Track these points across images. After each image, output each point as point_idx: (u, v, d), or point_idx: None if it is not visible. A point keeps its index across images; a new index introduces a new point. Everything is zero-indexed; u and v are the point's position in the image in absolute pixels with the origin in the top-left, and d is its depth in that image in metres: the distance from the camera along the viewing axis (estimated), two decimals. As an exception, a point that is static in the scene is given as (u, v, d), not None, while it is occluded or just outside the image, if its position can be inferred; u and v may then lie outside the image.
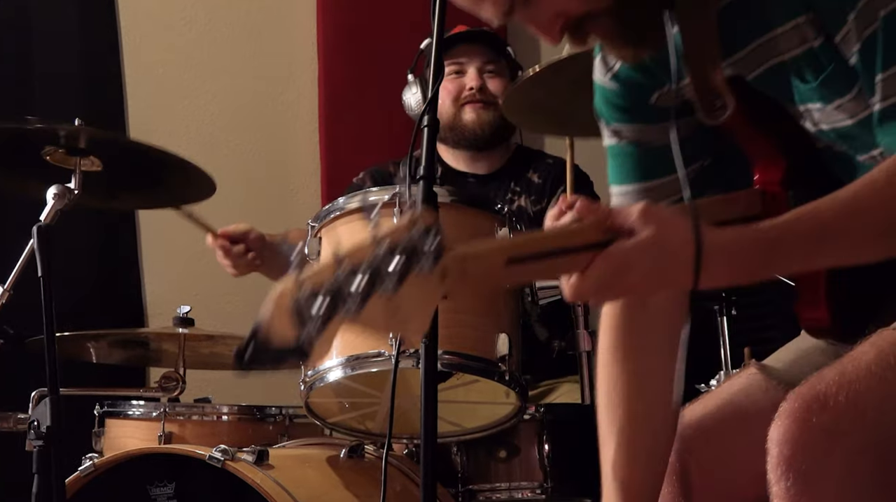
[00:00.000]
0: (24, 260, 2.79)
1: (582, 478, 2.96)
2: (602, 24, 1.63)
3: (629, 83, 1.84)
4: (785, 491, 1.51)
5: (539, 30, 1.65)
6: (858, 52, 1.53)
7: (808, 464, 1.50)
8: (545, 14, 1.61)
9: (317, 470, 2.87)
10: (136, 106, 4.27)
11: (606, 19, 1.61)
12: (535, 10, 1.60)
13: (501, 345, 2.69)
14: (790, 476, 1.51)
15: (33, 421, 2.29)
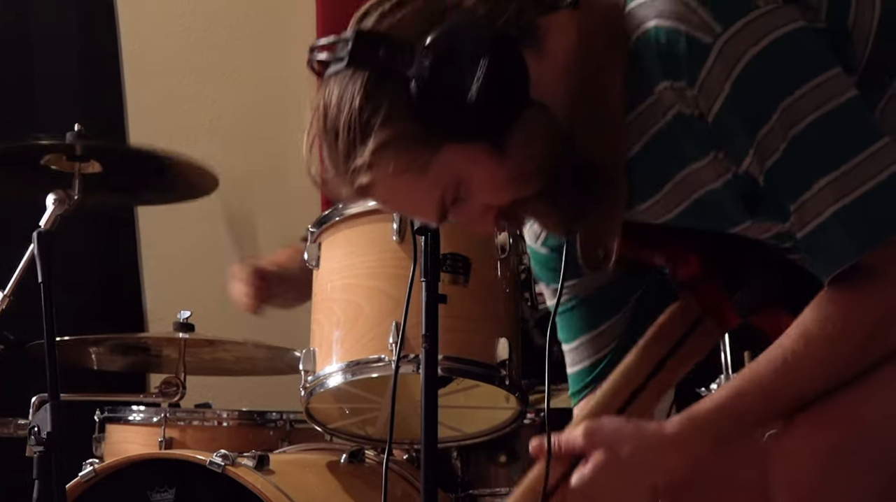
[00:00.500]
0: (24, 265, 2.79)
1: None
2: (533, 208, 1.64)
3: (558, 247, 1.84)
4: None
5: (472, 223, 1.66)
6: (764, 184, 1.53)
7: (814, 483, 1.51)
8: (477, 209, 1.62)
9: (317, 475, 2.87)
10: (136, 110, 4.27)
11: (536, 203, 1.62)
12: (467, 207, 1.60)
13: (501, 349, 2.69)
14: (797, 493, 1.52)
15: (34, 426, 2.29)
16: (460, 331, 2.65)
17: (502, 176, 1.56)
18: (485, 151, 1.54)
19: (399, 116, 1.50)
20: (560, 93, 1.58)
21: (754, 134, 1.50)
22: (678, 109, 1.54)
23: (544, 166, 1.56)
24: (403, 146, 1.52)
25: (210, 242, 4.26)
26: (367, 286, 2.71)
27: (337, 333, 2.73)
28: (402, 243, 2.68)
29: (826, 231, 1.48)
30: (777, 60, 1.49)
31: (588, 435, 1.61)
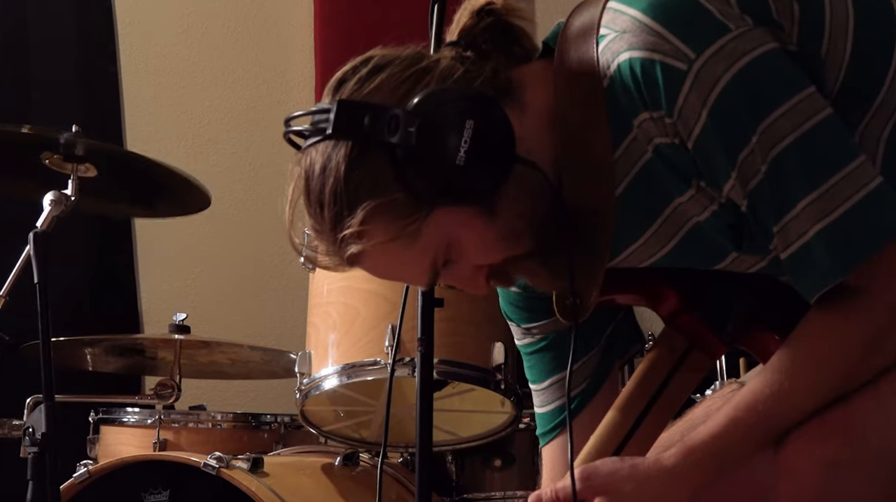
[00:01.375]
0: (20, 266, 2.78)
1: (577, 487, 2.95)
2: (524, 266, 1.63)
3: (530, 287, 1.85)
4: None
5: (464, 285, 1.65)
6: (747, 207, 1.53)
7: (814, 499, 1.51)
8: (468, 270, 1.61)
9: (312, 477, 2.87)
10: (133, 112, 4.27)
11: (527, 261, 1.61)
12: (458, 269, 1.60)
13: (497, 353, 2.69)
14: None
15: (28, 427, 2.28)
16: (456, 335, 2.65)
17: (493, 236, 1.55)
18: (475, 213, 1.53)
19: (386, 184, 1.49)
20: (545, 145, 1.58)
21: (735, 157, 1.49)
22: (659, 140, 1.54)
23: (534, 223, 1.56)
24: (393, 214, 1.50)
25: (207, 244, 4.26)
26: (364, 289, 2.71)
27: (333, 336, 2.73)
28: (398, 246, 2.68)
29: (810, 251, 1.48)
30: (753, 83, 1.48)
31: (585, 479, 1.59)
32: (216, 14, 4.43)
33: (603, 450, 1.69)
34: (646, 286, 1.80)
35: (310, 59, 4.43)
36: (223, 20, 4.43)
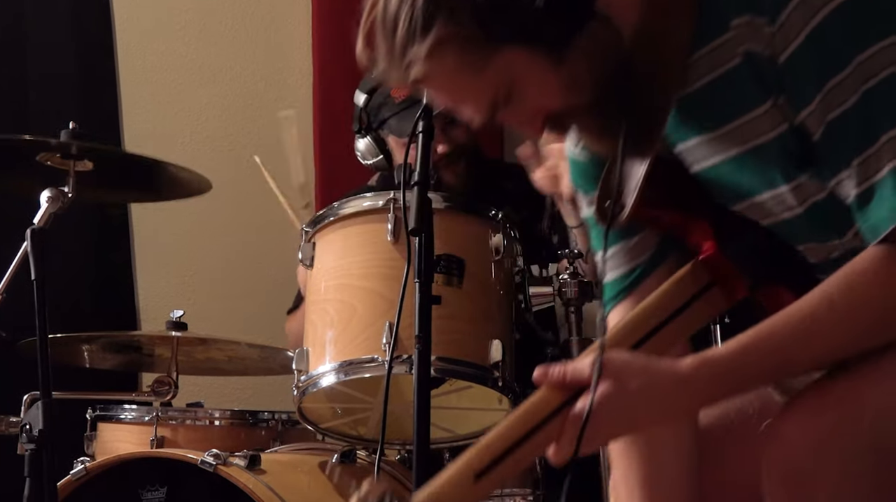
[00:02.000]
0: (17, 262, 2.78)
1: (574, 486, 2.95)
2: (580, 119, 1.66)
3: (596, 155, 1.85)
4: (783, 491, 1.53)
5: (521, 126, 1.69)
6: (822, 136, 1.54)
7: (806, 467, 1.51)
8: (526, 112, 1.64)
9: (309, 475, 2.87)
10: (131, 109, 4.27)
11: (583, 115, 1.64)
12: (517, 108, 1.62)
13: (495, 351, 2.69)
14: (788, 482, 1.52)
15: (25, 424, 2.29)
16: (454, 333, 2.65)
17: (556, 83, 1.58)
18: (543, 57, 1.56)
19: (462, 15, 1.52)
20: (627, 14, 1.60)
21: (823, 83, 1.51)
22: (750, 47, 1.56)
23: (599, 81, 1.59)
24: (463, 44, 1.54)
25: (203, 241, 4.27)
26: (361, 286, 2.71)
27: (330, 333, 2.73)
28: (396, 243, 2.69)
29: (882, 187, 1.49)
30: (857, 15, 1.50)
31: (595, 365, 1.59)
32: (213, 11, 4.44)
33: (621, 342, 1.69)
34: (687, 208, 1.81)
35: (307, 56, 4.44)
36: (220, 17, 4.44)
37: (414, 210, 2.07)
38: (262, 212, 4.27)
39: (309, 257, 2.82)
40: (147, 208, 4.19)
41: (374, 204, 2.76)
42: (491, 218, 2.80)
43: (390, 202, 2.71)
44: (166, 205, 3.54)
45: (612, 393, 1.56)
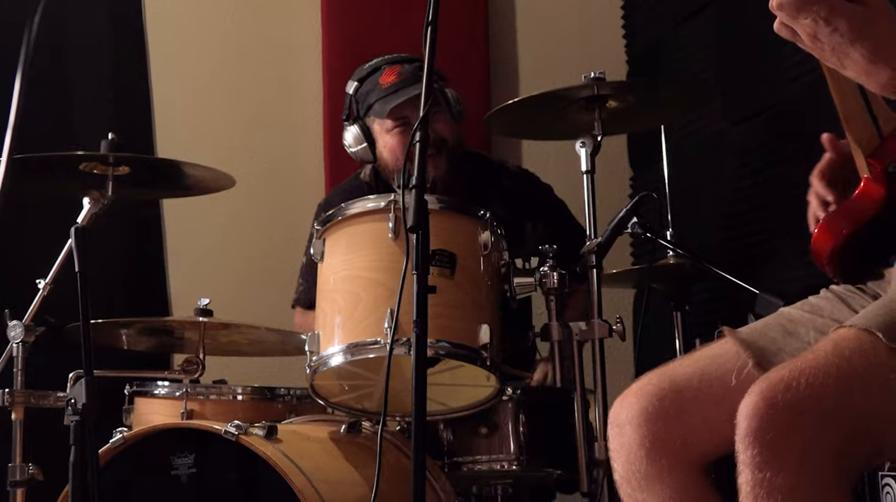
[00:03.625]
0: (63, 257, 2.80)
1: (553, 452, 2.97)
2: None
3: None
4: (751, 458, 1.51)
5: None
6: None
7: (773, 436, 1.50)
8: None
9: (320, 443, 2.88)
10: (162, 118, 4.28)
11: None
12: None
13: (483, 334, 2.70)
14: (756, 446, 1.51)
15: (70, 399, 2.29)
16: (447, 318, 2.67)
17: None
18: None
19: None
20: None
21: None
22: None
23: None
24: None
25: (227, 238, 4.28)
26: (366, 278, 2.73)
27: (338, 319, 2.74)
28: (396, 240, 2.69)
29: None
30: None
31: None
32: (234, 32, 4.44)
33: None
34: None
35: (318, 76, 4.43)
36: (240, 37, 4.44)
37: (412, 210, 2.07)
38: (280, 211, 4.29)
39: (319, 252, 2.83)
40: (177, 208, 4.20)
41: (377, 205, 2.77)
42: (480, 217, 2.81)
43: (391, 203, 2.72)
44: (195, 204, 3.55)
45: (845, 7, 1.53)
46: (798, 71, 3.40)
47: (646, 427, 1.80)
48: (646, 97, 3.11)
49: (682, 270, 3.22)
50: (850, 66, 1.58)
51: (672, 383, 1.83)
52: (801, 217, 3.33)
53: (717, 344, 1.88)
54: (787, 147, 3.50)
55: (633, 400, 1.84)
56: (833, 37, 1.55)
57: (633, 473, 1.82)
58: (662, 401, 1.81)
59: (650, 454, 1.79)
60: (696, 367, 1.84)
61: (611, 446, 1.88)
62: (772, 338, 1.83)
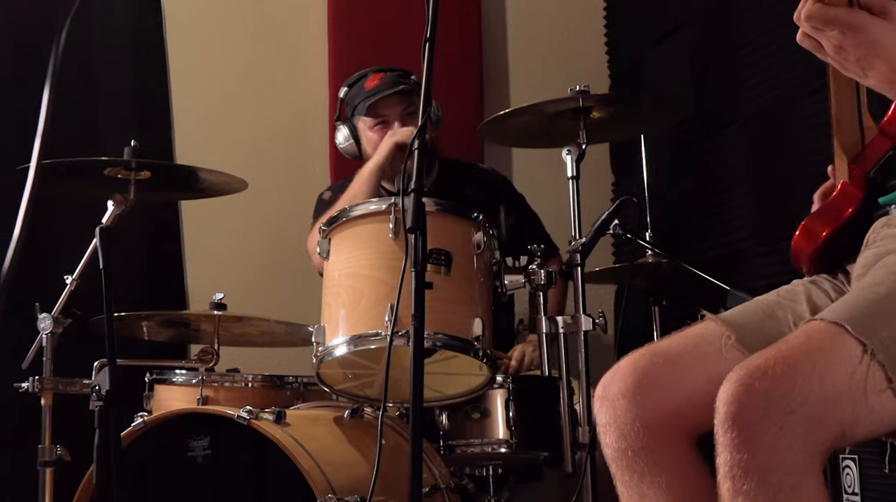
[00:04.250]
0: (88, 255, 2.81)
1: (541, 436, 2.97)
2: None
3: None
4: (730, 441, 1.51)
5: None
6: None
7: (749, 421, 1.49)
8: None
9: (325, 427, 2.88)
10: (181, 125, 4.28)
11: None
12: None
13: (476, 327, 2.70)
14: (734, 429, 1.50)
15: (95, 385, 2.30)
16: (443, 312, 2.66)
17: None
18: None
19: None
20: None
21: None
22: None
23: None
24: None
25: (240, 237, 4.27)
26: (368, 275, 2.72)
27: (342, 312, 2.74)
28: (396, 240, 2.69)
29: None
30: None
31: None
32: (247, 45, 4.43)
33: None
34: None
35: (324, 88, 4.43)
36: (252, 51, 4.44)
37: (411, 212, 2.08)
38: (289, 212, 4.28)
39: (325, 251, 2.83)
40: (194, 209, 4.19)
41: (379, 207, 2.77)
42: (473, 219, 2.82)
43: (391, 206, 2.72)
44: (210, 206, 3.54)
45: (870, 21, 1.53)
46: (766, 86, 3.41)
47: (641, 400, 1.76)
48: (626, 109, 3.12)
49: (660, 268, 3.22)
50: (874, 76, 1.58)
51: (665, 357, 1.80)
52: (768, 221, 3.36)
53: (700, 324, 1.85)
54: (757, 155, 3.51)
55: (625, 373, 1.79)
56: (859, 49, 1.55)
57: (627, 448, 1.76)
58: (657, 375, 1.78)
59: (647, 426, 1.75)
60: (685, 343, 1.82)
61: (599, 421, 1.81)
62: (751, 319, 1.83)
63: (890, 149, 1.81)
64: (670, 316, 3.30)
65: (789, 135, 3.27)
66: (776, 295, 1.92)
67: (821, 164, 2.02)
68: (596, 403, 1.82)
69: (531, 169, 4.42)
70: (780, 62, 3.31)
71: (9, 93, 3.90)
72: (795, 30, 1.61)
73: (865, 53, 1.55)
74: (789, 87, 3.26)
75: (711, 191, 3.77)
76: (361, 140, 3.67)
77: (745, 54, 3.53)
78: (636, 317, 3.42)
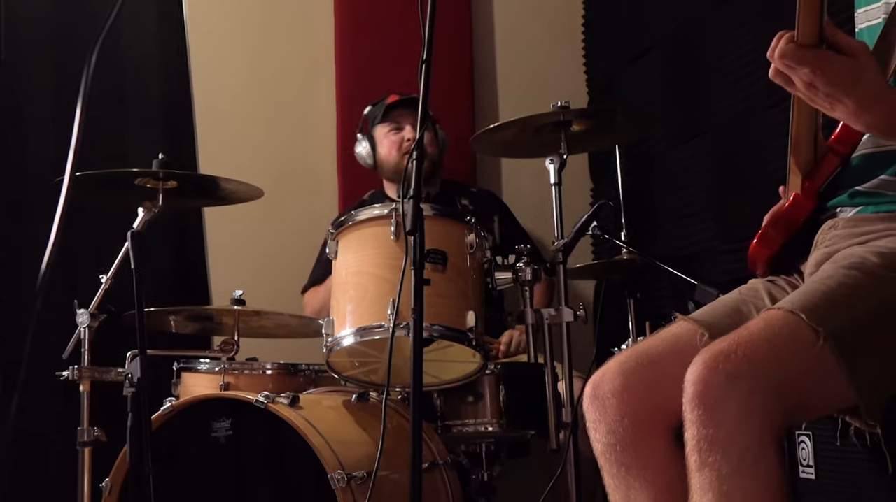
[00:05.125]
0: (121, 257, 2.80)
1: (528, 416, 2.97)
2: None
3: None
4: (697, 417, 1.51)
5: None
6: None
7: (714, 399, 1.49)
8: None
9: (334, 410, 2.88)
10: (204, 138, 4.26)
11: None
12: None
13: (470, 319, 2.71)
14: (701, 407, 1.51)
15: (128, 374, 2.29)
16: (440, 306, 2.67)
17: None
18: None
19: None
20: None
21: None
22: None
23: None
24: None
25: (257, 240, 4.27)
26: (372, 273, 2.72)
27: (349, 307, 2.74)
28: (397, 241, 2.70)
29: None
30: None
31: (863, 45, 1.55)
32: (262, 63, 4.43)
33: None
34: None
35: (332, 107, 4.42)
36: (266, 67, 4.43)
37: (410, 216, 2.08)
38: (300, 217, 4.28)
39: (334, 251, 2.83)
40: (216, 214, 4.18)
41: (381, 212, 2.77)
42: (466, 222, 2.82)
43: (392, 211, 2.72)
44: (230, 212, 3.53)
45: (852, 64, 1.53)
46: (728, 101, 3.41)
47: (629, 398, 1.75)
48: (603, 122, 3.12)
49: (634, 265, 3.22)
50: (840, 111, 1.58)
51: (648, 358, 1.79)
52: (731, 222, 3.36)
53: (675, 325, 1.85)
54: (720, 164, 3.51)
55: (614, 374, 1.78)
56: (828, 87, 1.54)
57: (616, 443, 1.75)
58: (643, 375, 1.77)
59: (634, 423, 1.74)
60: (664, 343, 1.81)
61: (589, 418, 1.80)
62: (719, 316, 1.82)
63: (839, 166, 1.82)
64: (643, 307, 3.30)
65: (749, 146, 3.28)
66: (739, 293, 1.92)
67: (778, 171, 2.03)
68: (586, 401, 1.80)
69: (518, 177, 4.41)
70: (741, 80, 3.31)
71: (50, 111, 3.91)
72: (755, 50, 1.62)
73: (834, 91, 1.55)
74: (749, 102, 3.27)
75: (680, 196, 3.77)
76: (377, 147, 3.82)
77: (710, 73, 3.54)
78: (613, 309, 3.42)
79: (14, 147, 3.83)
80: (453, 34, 4.39)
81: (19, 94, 3.89)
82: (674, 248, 3.73)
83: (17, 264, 3.58)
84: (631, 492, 1.75)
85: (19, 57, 3.88)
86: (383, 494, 2.59)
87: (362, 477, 2.55)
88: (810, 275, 1.78)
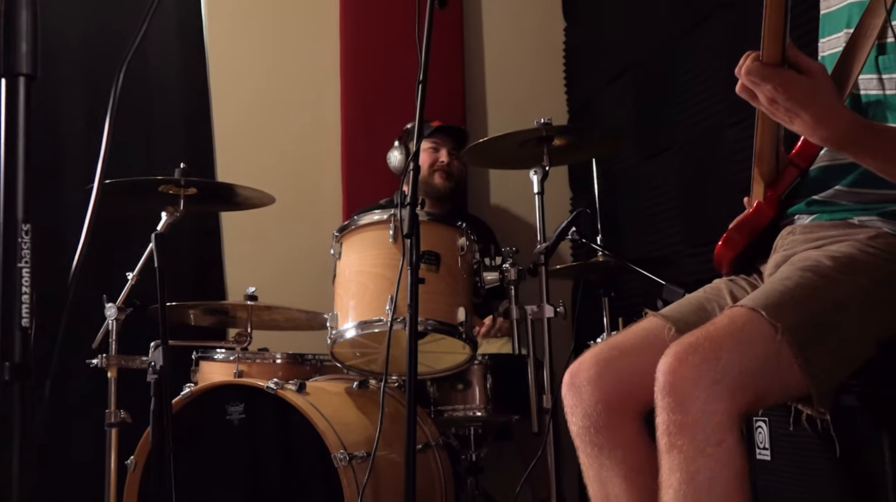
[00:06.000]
0: (146, 256, 2.79)
1: (512, 403, 2.97)
2: None
3: None
4: (666, 404, 1.51)
5: None
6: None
7: (682, 387, 1.49)
8: None
9: (338, 396, 2.88)
10: (221, 147, 4.25)
11: None
12: None
13: (460, 314, 2.70)
14: (670, 395, 1.50)
15: (151, 362, 2.29)
16: (433, 302, 2.66)
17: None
18: None
19: None
20: None
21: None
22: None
23: None
24: None
25: (269, 242, 4.26)
26: (372, 272, 2.72)
27: (352, 302, 2.73)
28: (395, 243, 2.69)
29: None
30: None
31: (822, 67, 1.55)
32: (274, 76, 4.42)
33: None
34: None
35: (337, 119, 4.42)
36: (280, 92, 4.42)
37: (407, 221, 2.07)
38: (308, 222, 4.27)
39: (338, 252, 2.82)
40: (232, 218, 4.18)
41: (381, 217, 2.77)
42: (457, 226, 2.82)
43: (391, 216, 2.72)
44: (245, 216, 3.52)
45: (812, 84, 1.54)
46: (695, 118, 3.41)
47: (603, 385, 1.75)
48: (581, 137, 3.12)
49: (609, 266, 3.22)
50: (798, 125, 1.59)
51: (620, 351, 1.79)
52: (696, 228, 3.36)
53: (645, 320, 1.85)
54: (686, 175, 3.51)
55: (590, 364, 1.78)
56: (788, 102, 1.55)
57: (590, 425, 1.75)
58: (615, 365, 1.77)
59: (607, 408, 1.74)
60: (636, 337, 1.80)
61: (567, 404, 1.79)
62: (685, 313, 1.82)
63: (798, 177, 1.82)
64: (617, 304, 3.30)
65: (714, 159, 3.28)
66: (703, 292, 1.92)
67: (737, 183, 2.03)
68: (564, 389, 1.80)
69: (505, 186, 4.42)
70: (707, 99, 3.32)
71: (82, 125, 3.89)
72: (718, 73, 1.61)
73: (793, 106, 1.55)
74: (714, 120, 3.27)
75: (650, 204, 3.77)
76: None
77: (679, 93, 3.54)
78: (589, 306, 3.41)
79: (49, 157, 3.81)
80: (447, 57, 4.39)
81: (56, 108, 3.88)
82: (644, 251, 3.73)
83: (52, 264, 3.56)
84: (603, 470, 1.76)
85: (55, 75, 3.86)
86: (381, 472, 2.58)
87: (362, 456, 2.55)
88: (769, 275, 1.78)
